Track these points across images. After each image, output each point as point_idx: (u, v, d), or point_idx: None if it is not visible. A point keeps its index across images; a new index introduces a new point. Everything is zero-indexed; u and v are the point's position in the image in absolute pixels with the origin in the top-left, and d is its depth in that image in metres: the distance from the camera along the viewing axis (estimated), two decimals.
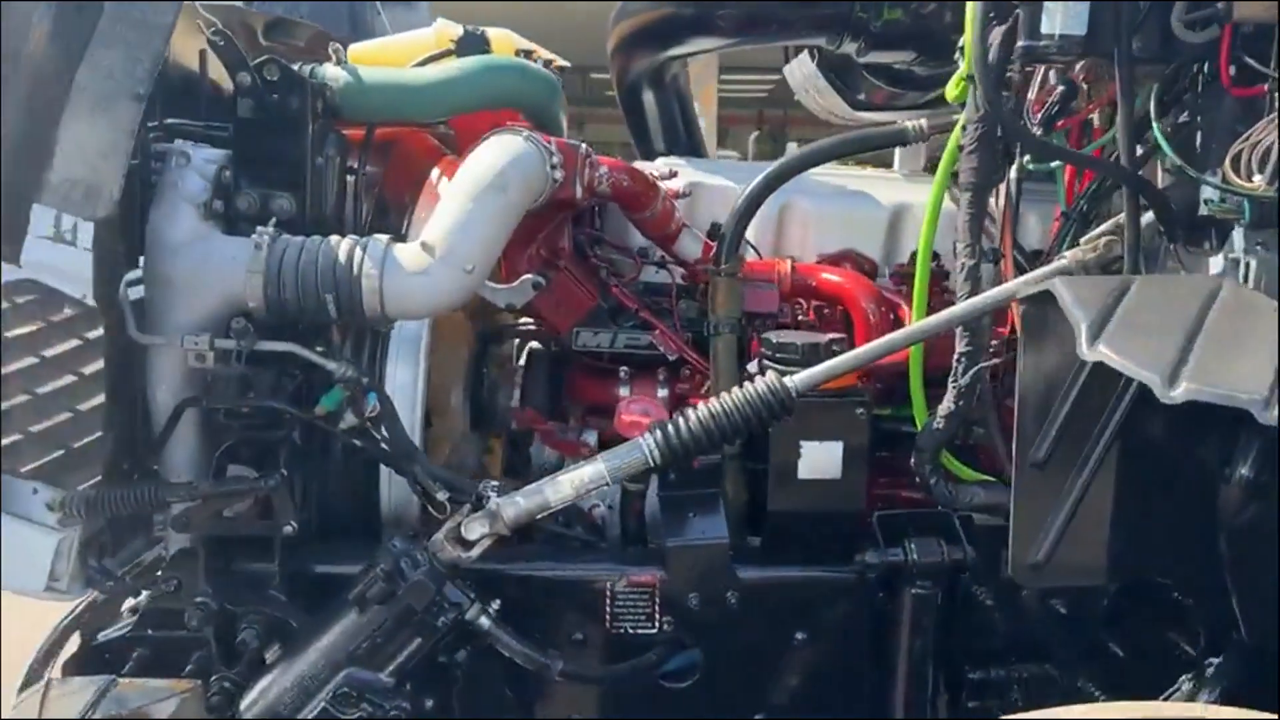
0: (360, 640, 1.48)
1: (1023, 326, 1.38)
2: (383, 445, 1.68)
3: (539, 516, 1.55)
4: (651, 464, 1.54)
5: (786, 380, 1.55)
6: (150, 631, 1.74)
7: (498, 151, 1.63)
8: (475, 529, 1.51)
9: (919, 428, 1.80)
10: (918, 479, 1.78)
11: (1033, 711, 1.25)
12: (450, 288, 1.59)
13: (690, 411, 1.56)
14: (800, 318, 1.99)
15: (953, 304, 1.68)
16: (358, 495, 1.82)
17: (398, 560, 1.48)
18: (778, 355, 1.71)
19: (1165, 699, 1.55)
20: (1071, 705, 1.27)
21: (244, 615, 1.60)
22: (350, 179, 1.80)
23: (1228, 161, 1.39)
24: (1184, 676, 1.56)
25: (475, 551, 1.53)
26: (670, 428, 1.54)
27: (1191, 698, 1.47)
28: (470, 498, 1.65)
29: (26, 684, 1.79)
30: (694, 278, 1.99)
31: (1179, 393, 1.10)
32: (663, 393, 1.99)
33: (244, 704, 1.55)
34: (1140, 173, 1.61)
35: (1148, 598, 1.77)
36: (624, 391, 2.00)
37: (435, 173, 2.03)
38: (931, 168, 1.81)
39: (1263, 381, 1.12)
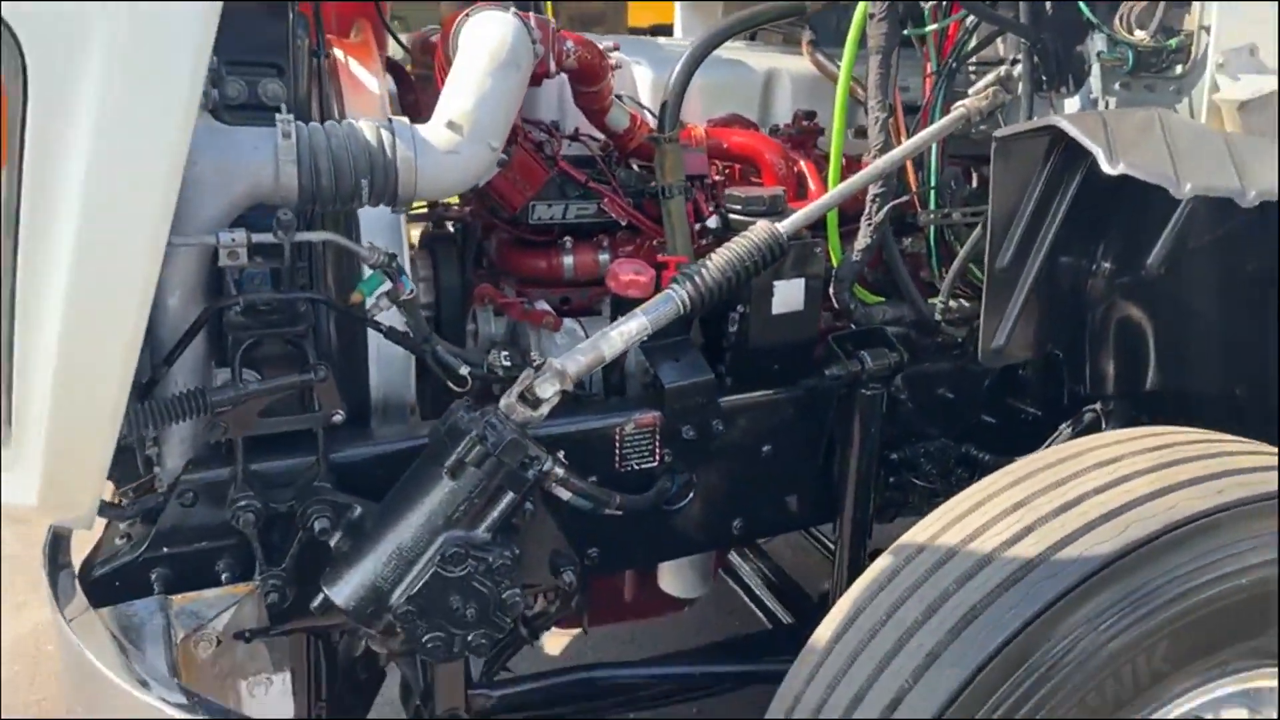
0: (459, 504, 1.54)
1: (995, 161, 1.71)
2: (395, 329, 1.70)
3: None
4: (682, 311, 1.71)
5: (779, 226, 1.79)
6: (166, 550, 1.66)
7: (503, 28, 1.64)
8: (546, 388, 1.61)
9: (835, 263, 2.12)
10: (837, 303, 2.11)
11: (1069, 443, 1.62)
12: (478, 165, 1.61)
13: (707, 263, 1.74)
14: (718, 176, 2.21)
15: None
16: (351, 384, 1.82)
17: (484, 426, 1.55)
18: (746, 208, 1.93)
19: (1048, 445, 2.03)
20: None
21: (309, 507, 1.59)
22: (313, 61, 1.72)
23: (1116, 19, 1.79)
24: (1063, 425, 2.06)
25: (544, 409, 1.62)
26: (695, 278, 1.71)
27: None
28: (500, 369, 1.75)
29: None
30: (623, 148, 2.12)
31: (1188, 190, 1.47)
32: (603, 257, 2.14)
33: (330, 590, 1.56)
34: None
35: (1012, 380, 2.26)
36: (568, 260, 2.12)
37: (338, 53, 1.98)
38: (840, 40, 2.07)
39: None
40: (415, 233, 2.24)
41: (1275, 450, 1.60)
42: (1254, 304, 1.92)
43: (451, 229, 2.26)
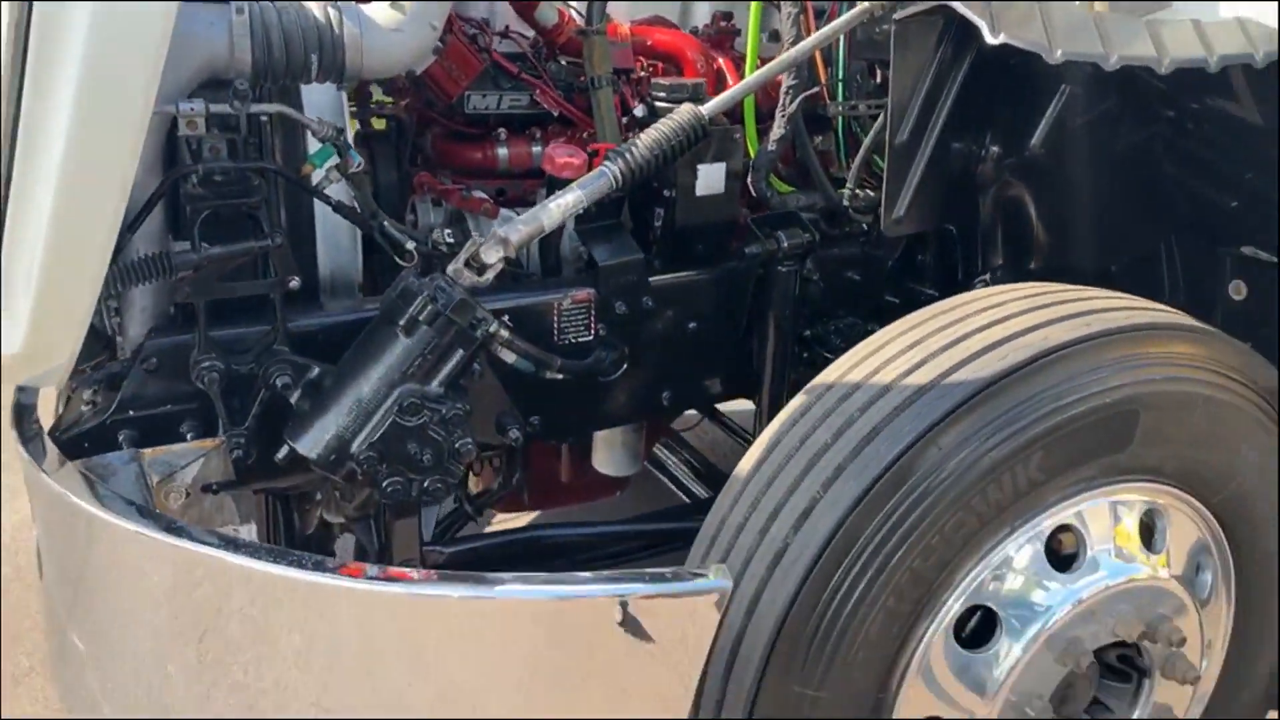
0: (414, 359, 1.68)
1: (894, 42, 1.88)
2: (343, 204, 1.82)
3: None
4: (615, 185, 1.86)
5: (701, 109, 1.94)
6: (132, 413, 1.76)
7: None
8: (491, 254, 1.74)
9: (753, 153, 2.29)
10: (754, 191, 2.28)
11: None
12: (420, 43, 1.73)
13: (636, 142, 1.88)
14: (643, 73, 2.35)
15: None
16: (299, 261, 1.92)
17: (434, 288, 1.68)
18: (670, 95, 2.08)
19: None
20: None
21: (271, 366, 1.71)
22: None
23: None
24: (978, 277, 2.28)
25: (489, 275, 1.76)
26: (625, 156, 1.85)
27: None
28: (445, 245, 1.88)
29: None
30: (552, 43, 2.24)
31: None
32: (537, 149, 2.26)
33: (296, 442, 1.69)
34: None
35: (913, 263, 2.47)
36: (503, 152, 2.24)
37: None
38: None
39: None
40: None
41: (1139, 299, 1.83)
42: (1126, 183, 2.14)
43: (386, 125, 2.35)
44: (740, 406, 2.58)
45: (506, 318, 1.80)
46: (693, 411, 2.95)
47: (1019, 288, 1.83)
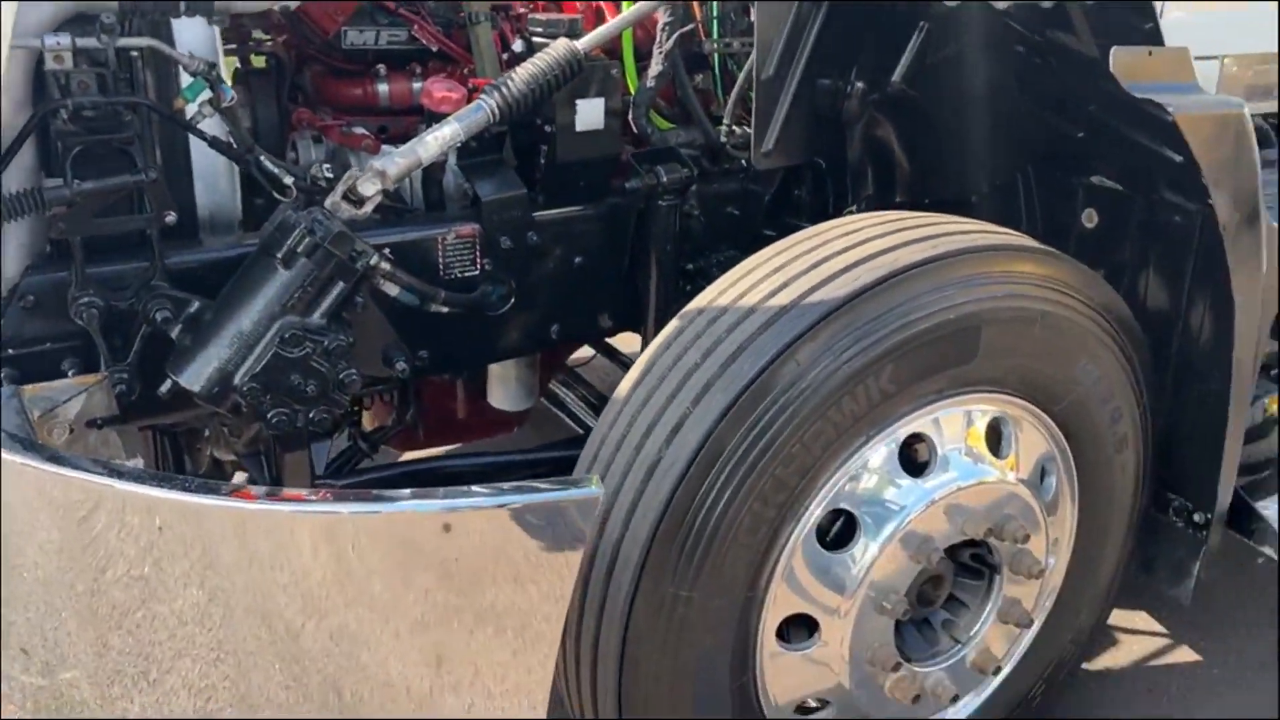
0: (294, 291, 1.72)
1: None
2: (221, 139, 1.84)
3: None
4: (492, 118, 1.92)
5: (576, 44, 2.00)
6: (11, 352, 1.76)
7: None
8: (368, 186, 1.79)
9: (633, 90, 2.36)
10: (635, 128, 2.35)
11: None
12: None
13: (513, 76, 1.94)
14: (522, 9, 2.39)
15: None
16: (176, 197, 1.93)
17: (311, 220, 1.72)
18: (547, 30, 2.13)
19: None
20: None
21: (150, 301, 1.73)
22: None
23: None
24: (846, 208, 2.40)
25: (367, 207, 1.81)
26: (502, 89, 1.91)
27: None
28: (324, 179, 1.92)
29: None
30: None
31: None
32: (417, 85, 2.29)
33: (178, 376, 1.72)
34: None
35: (788, 198, 2.58)
36: (383, 88, 2.27)
37: None
38: None
39: None
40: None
41: (985, 224, 1.97)
42: (982, 116, 2.28)
43: (265, 63, 2.35)
44: (635, 341, 2.68)
45: (388, 251, 1.85)
46: (588, 348, 3.04)
47: (875, 216, 1.95)
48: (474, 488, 1.51)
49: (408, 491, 1.51)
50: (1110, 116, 2.06)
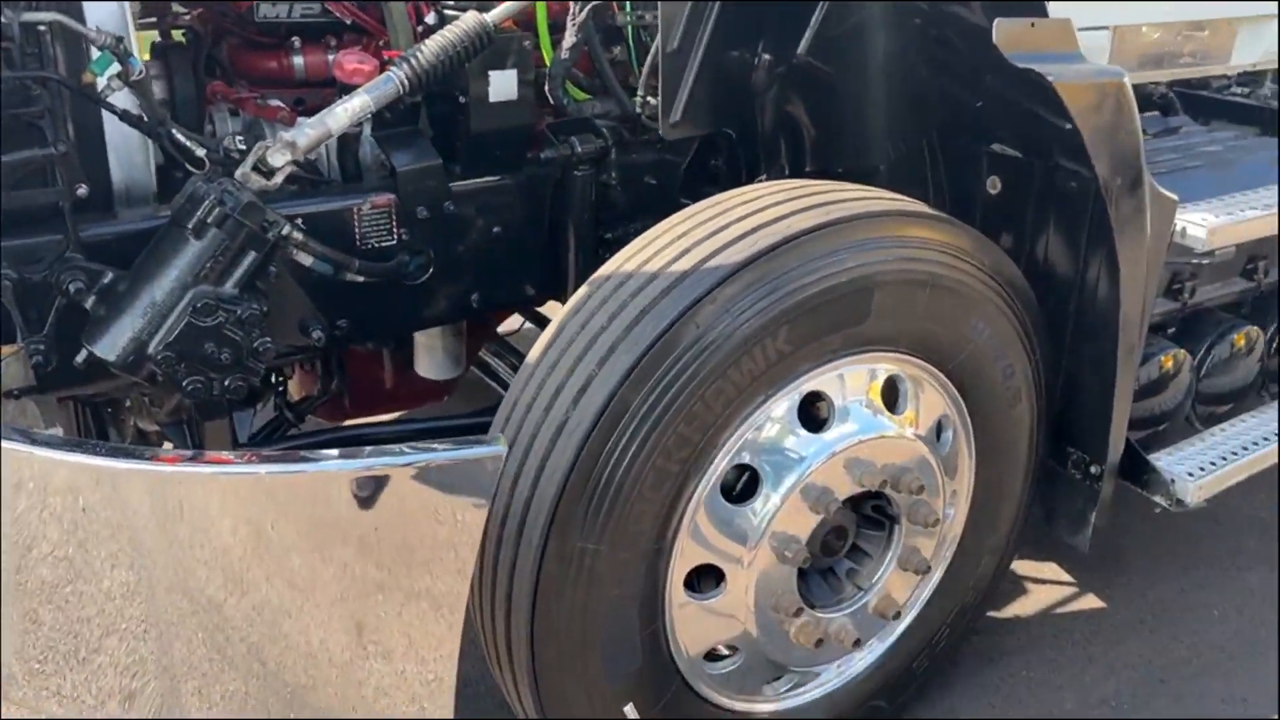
0: (205, 261, 1.76)
1: None
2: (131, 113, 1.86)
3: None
4: (402, 90, 1.96)
5: (486, 17, 2.05)
6: None
7: None
8: (278, 158, 1.83)
9: (548, 62, 2.41)
10: (551, 99, 2.41)
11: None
12: None
13: (422, 48, 1.99)
14: None
15: None
16: (91, 171, 1.95)
17: (221, 191, 1.76)
18: (457, 3, 2.17)
19: None
20: None
21: (64, 273, 1.76)
22: None
23: None
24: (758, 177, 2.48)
25: (278, 178, 1.85)
26: (410, 62, 1.96)
27: None
28: (236, 152, 1.95)
29: None
30: None
31: None
32: (333, 57, 2.33)
33: (93, 346, 1.76)
34: None
35: (705, 168, 2.65)
36: (299, 61, 2.30)
37: None
38: None
39: None
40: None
41: (879, 191, 2.06)
42: (886, 87, 2.36)
43: (183, 37, 2.37)
44: None
45: (300, 221, 1.90)
46: (519, 316, 3.10)
47: (775, 184, 2.03)
48: (385, 447, 1.58)
49: (322, 453, 1.57)
50: (1004, 86, 2.15)
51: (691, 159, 2.58)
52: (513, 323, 3.21)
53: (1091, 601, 2.97)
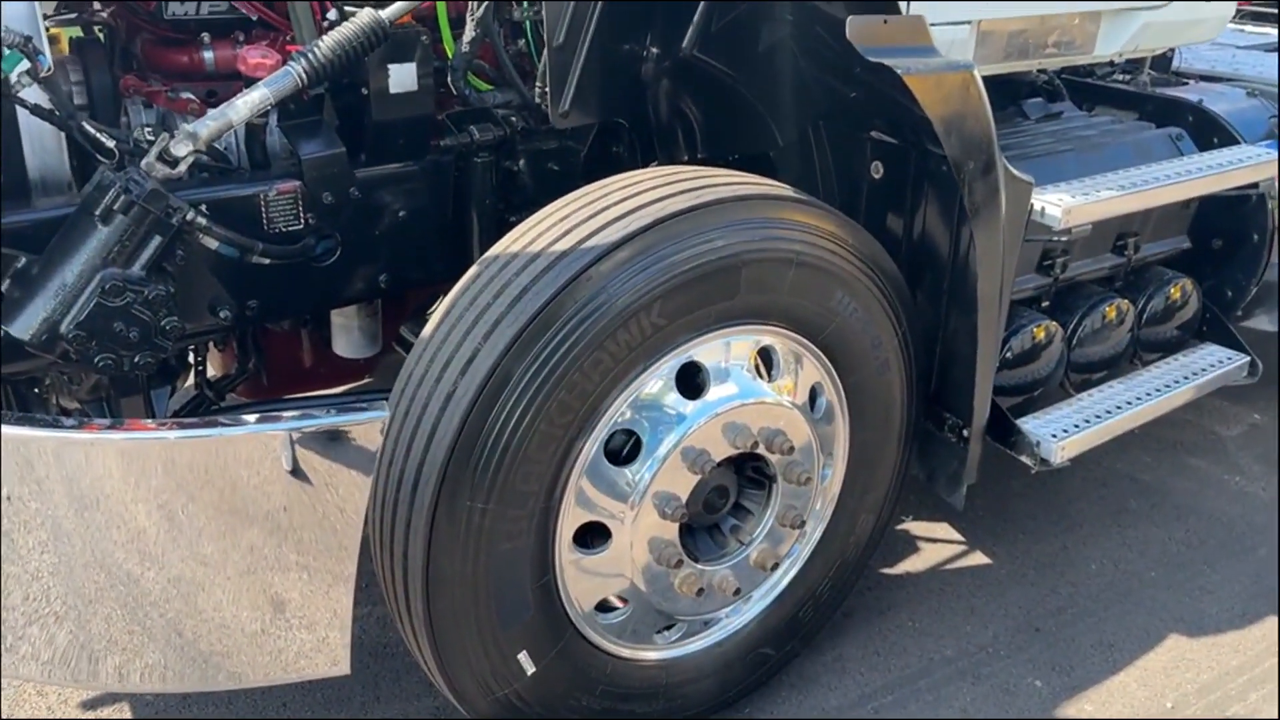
0: (113, 245, 1.88)
1: None
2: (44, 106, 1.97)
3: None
4: (301, 83, 2.09)
5: (382, 14, 2.19)
6: None
7: None
8: (181, 148, 1.96)
9: (450, 56, 2.54)
10: (454, 90, 2.54)
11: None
12: None
13: (320, 43, 2.12)
14: None
15: None
16: (7, 164, 2.06)
17: (127, 180, 1.88)
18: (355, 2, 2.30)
19: None
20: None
21: None
22: None
23: None
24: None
25: (181, 167, 1.98)
26: (309, 55, 2.09)
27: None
28: (145, 143, 2.07)
29: None
30: None
31: None
32: (239, 51, 2.44)
33: (7, 326, 1.87)
34: None
35: (606, 155, 2.80)
36: (208, 55, 2.42)
37: None
38: None
39: None
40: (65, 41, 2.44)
41: (752, 176, 2.22)
42: (768, 78, 2.53)
43: (100, 33, 2.47)
44: None
45: (205, 208, 2.02)
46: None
47: (653, 170, 2.19)
48: (274, 414, 1.72)
49: (219, 419, 1.71)
50: (872, 78, 2.32)
51: (594, 146, 2.74)
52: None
53: (978, 558, 3.19)
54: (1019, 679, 2.70)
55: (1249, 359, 3.17)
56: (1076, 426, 2.74)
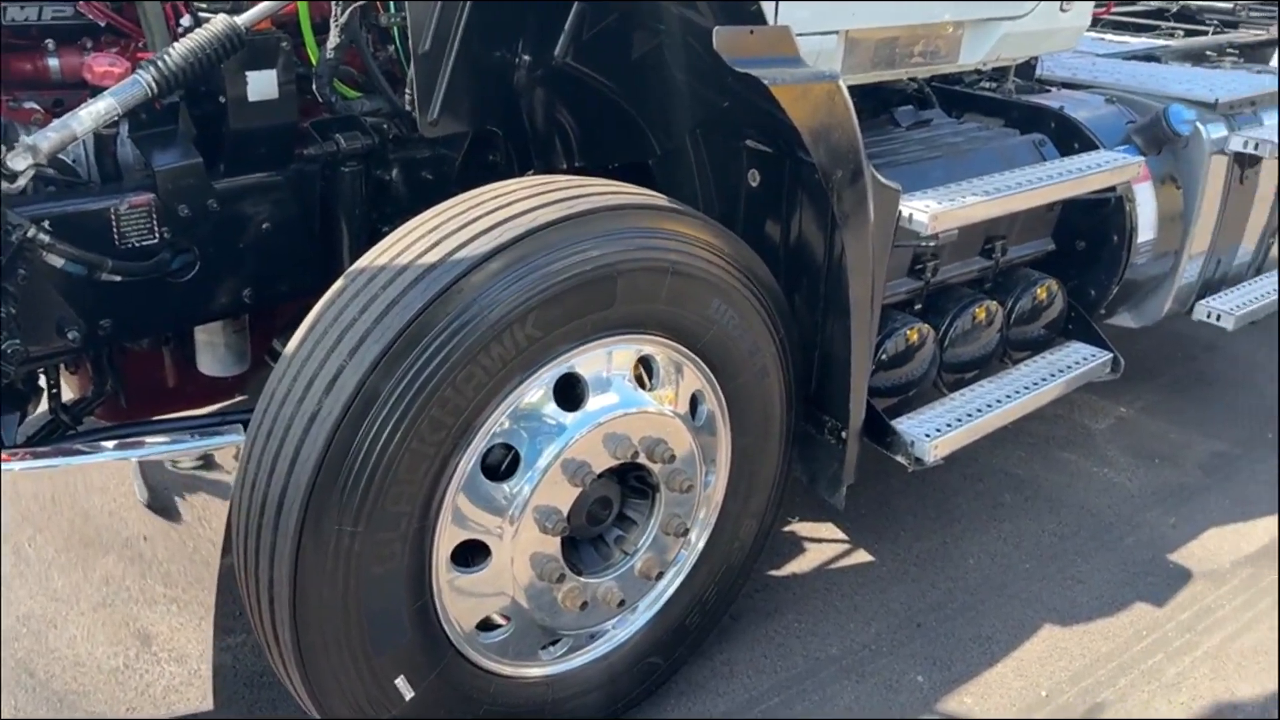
0: None
1: None
2: None
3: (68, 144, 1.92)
4: (150, 92, 1.99)
5: (236, 20, 2.10)
6: None
7: None
8: (19, 161, 1.84)
9: (314, 62, 2.46)
10: (320, 98, 2.46)
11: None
12: None
13: (170, 51, 2.02)
14: None
15: None
16: None
17: None
18: (212, 7, 2.21)
19: None
20: None
21: None
22: None
23: None
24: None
25: (20, 181, 1.86)
26: (158, 64, 1.99)
27: None
28: None
29: None
30: None
31: None
32: (86, 58, 2.32)
33: None
34: None
35: (483, 162, 2.76)
36: (53, 62, 2.28)
37: None
38: None
39: None
40: None
41: (626, 185, 2.21)
42: (642, 87, 2.52)
43: None
44: None
45: (48, 223, 1.91)
46: None
47: (529, 179, 2.16)
48: (128, 440, 1.63)
49: (64, 447, 1.62)
50: (743, 87, 2.35)
51: (471, 154, 2.69)
52: None
53: (862, 556, 3.25)
54: (901, 675, 2.75)
55: (1111, 355, 3.31)
56: (949, 425, 2.81)
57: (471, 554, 2.09)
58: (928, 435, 2.73)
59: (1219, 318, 3.68)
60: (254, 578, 1.89)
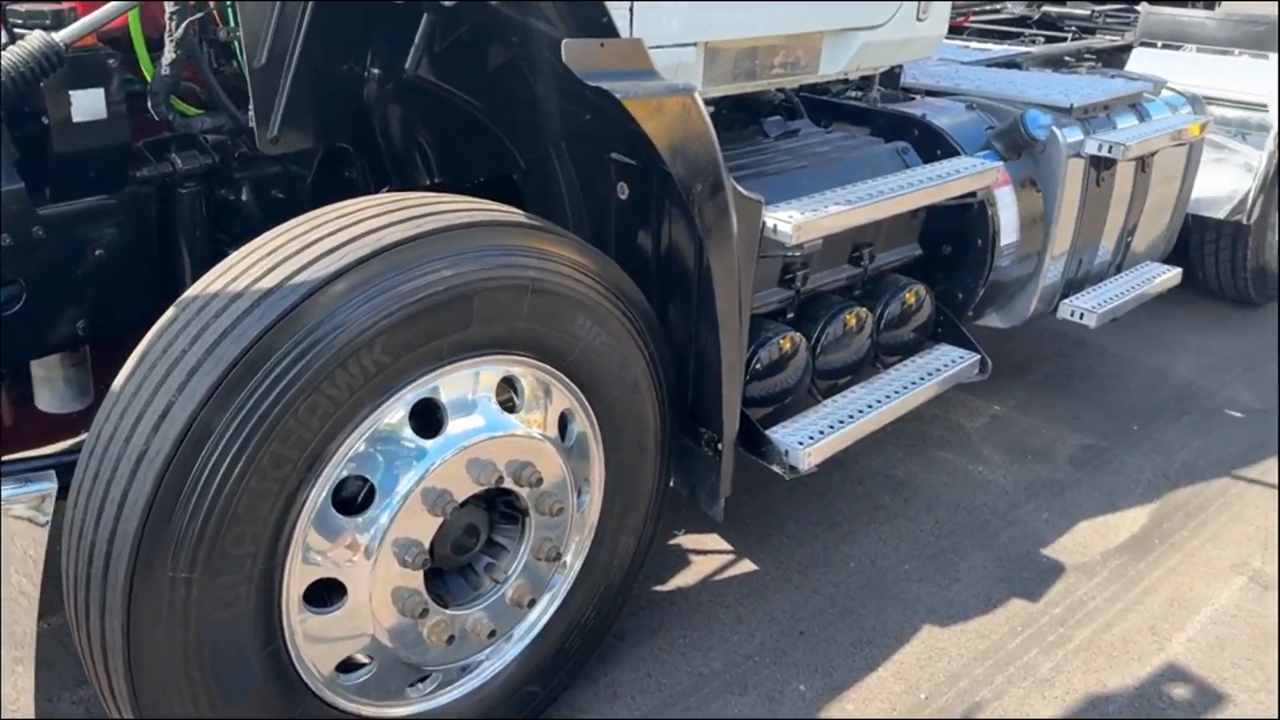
0: None
1: None
2: None
3: None
4: None
5: (54, 36, 1.95)
6: None
7: None
8: None
9: (149, 79, 2.32)
10: (156, 116, 2.32)
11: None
12: None
13: None
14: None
15: None
16: None
17: None
18: (29, 23, 2.05)
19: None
20: None
21: None
22: None
23: None
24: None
25: None
26: None
27: None
28: None
29: None
30: None
31: None
32: None
33: None
34: None
35: (338, 177, 2.65)
36: None
37: None
38: None
39: None
40: None
41: (481, 201, 2.14)
42: (499, 100, 2.46)
43: None
44: None
45: None
46: None
47: (379, 197, 2.07)
48: None
49: None
50: (599, 100, 2.30)
51: (325, 172, 2.58)
52: None
53: (746, 565, 3.24)
54: (784, 685, 2.74)
55: (979, 357, 3.38)
56: (822, 433, 2.81)
57: (329, 592, 1.99)
58: (801, 443, 2.72)
59: (1082, 316, 3.79)
60: (85, 629, 1.75)
